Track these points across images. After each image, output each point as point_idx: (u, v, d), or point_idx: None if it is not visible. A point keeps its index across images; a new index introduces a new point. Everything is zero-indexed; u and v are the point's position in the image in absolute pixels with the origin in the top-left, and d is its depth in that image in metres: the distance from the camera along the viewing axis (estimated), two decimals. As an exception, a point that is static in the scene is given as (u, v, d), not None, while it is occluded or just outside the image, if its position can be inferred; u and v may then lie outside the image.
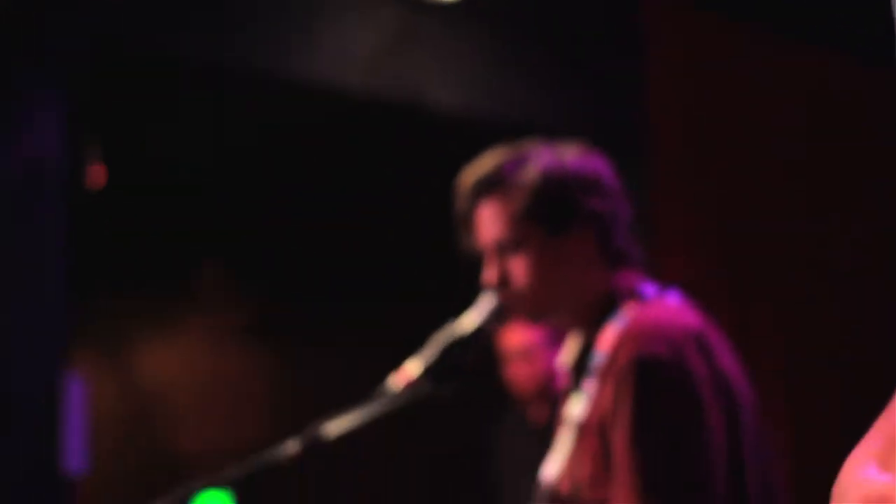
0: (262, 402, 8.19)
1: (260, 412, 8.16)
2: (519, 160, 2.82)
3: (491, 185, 2.81)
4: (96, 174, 5.53)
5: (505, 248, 2.80)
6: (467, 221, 2.88)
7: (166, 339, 8.28)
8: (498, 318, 2.83)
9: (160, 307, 8.12)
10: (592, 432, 2.69)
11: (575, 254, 2.79)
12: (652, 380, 2.60)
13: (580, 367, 2.81)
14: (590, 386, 2.74)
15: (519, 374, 4.94)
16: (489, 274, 2.83)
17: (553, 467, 2.80)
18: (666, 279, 2.92)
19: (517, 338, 4.89)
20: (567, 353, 2.91)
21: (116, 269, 7.37)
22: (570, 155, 2.83)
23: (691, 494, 2.55)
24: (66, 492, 4.92)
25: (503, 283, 2.81)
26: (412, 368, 2.81)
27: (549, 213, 2.77)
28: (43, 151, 4.73)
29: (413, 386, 2.79)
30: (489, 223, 2.81)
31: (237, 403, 8.27)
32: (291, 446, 2.81)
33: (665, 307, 2.75)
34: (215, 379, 8.28)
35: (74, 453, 4.91)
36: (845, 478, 1.19)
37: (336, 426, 2.79)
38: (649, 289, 2.81)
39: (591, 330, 2.79)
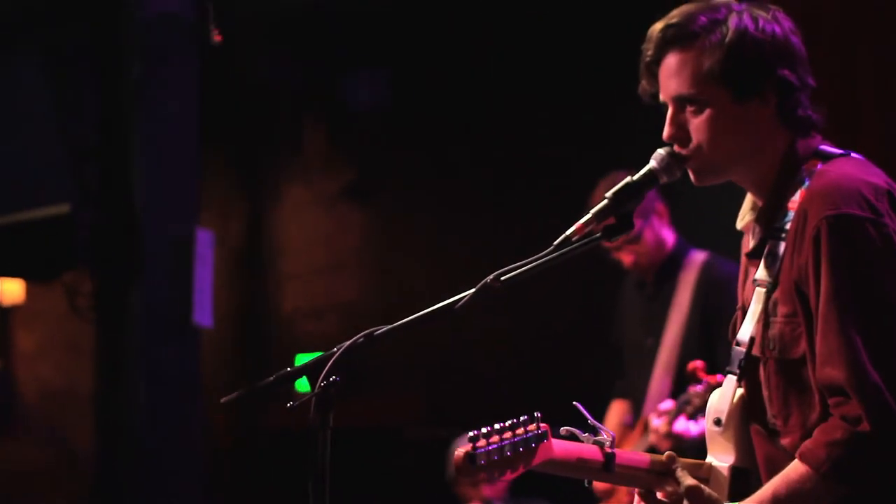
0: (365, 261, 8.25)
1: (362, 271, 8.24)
2: (715, 15, 2.72)
3: (683, 37, 2.72)
4: (217, 32, 5.55)
5: (687, 104, 2.75)
6: (651, 68, 2.80)
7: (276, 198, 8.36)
8: (671, 169, 2.78)
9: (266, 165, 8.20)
10: (786, 294, 2.66)
11: (757, 119, 2.73)
12: (849, 240, 2.55)
13: (764, 230, 2.78)
14: (777, 247, 2.70)
15: None
16: (668, 128, 2.77)
17: (745, 330, 2.77)
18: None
19: None
20: (744, 214, 2.88)
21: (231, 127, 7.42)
22: (764, 17, 2.73)
23: None
24: (195, 343, 5.03)
25: (680, 139, 2.76)
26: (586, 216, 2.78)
27: (739, 78, 2.70)
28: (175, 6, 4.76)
29: (586, 228, 2.75)
30: (675, 75, 2.74)
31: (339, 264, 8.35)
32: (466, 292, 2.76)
33: (852, 165, 2.70)
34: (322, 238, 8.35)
35: (203, 306, 5.00)
36: None
37: (513, 273, 2.77)
38: (832, 150, 2.75)
39: (772, 193, 2.75)
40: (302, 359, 8.24)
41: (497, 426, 2.59)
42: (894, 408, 2.48)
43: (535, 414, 2.64)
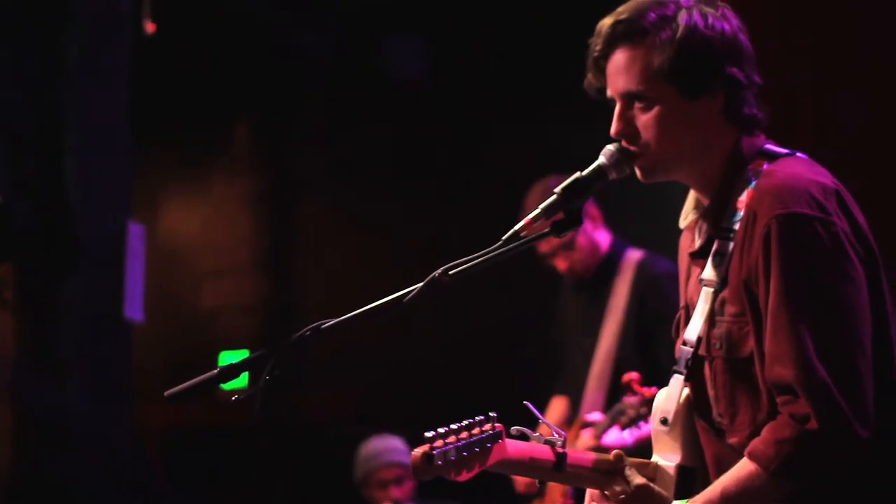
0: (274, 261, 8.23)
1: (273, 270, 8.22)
2: (665, 11, 2.72)
3: (633, 33, 2.72)
4: (150, 23, 5.49)
5: (635, 100, 2.74)
6: (599, 63, 2.79)
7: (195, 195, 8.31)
8: (620, 165, 2.77)
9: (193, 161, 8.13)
10: (734, 294, 2.67)
11: (705, 117, 2.73)
12: (798, 239, 2.56)
13: (711, 229, 2.78)
14: (725, 246, 2.71)
15: None
16: (616, 124, 2.76)
17: (692, 330, 2.77)
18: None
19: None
20: (687, 213, 2.88)
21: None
22: (713, 14, 2.73)
23: (846, 350, 2.53)
24: (126, 338, 4.96)
25: (629, 135, 2.76)
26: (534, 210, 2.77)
27: (689, 76, 2.70)
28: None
29: (534, 224, 2.74)
30: (623, 72, 2.74)
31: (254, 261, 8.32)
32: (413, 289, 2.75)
33: (799, 164, 2.71)
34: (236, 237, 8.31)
35: (134, 301, 4.94)
36: None
37: (460, 267, 2.75)
38: (777, 149, 2.76)
39: (718, 191, 2.75)
40: (226, 356, 8.24)
41: (454, 426, 2.59)
42: (842, 406, 2.49)
43: (491, 414, 2.65)
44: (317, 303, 7.81)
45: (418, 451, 2.56)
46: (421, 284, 2.75)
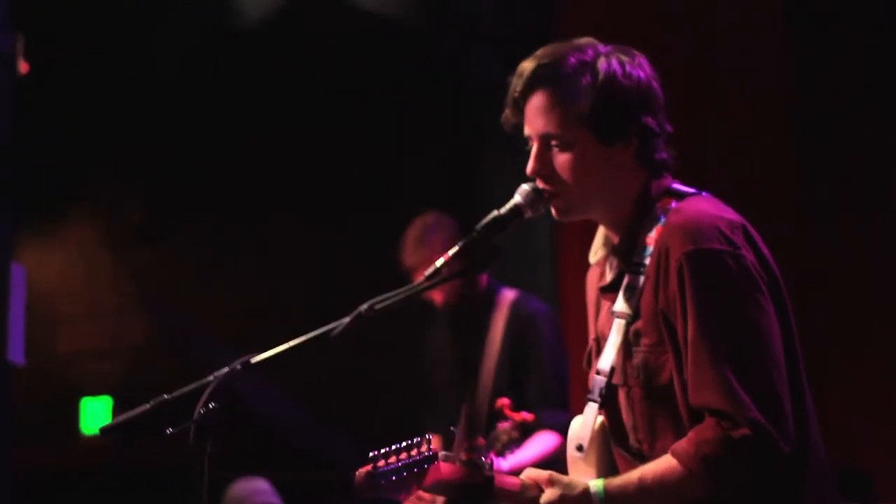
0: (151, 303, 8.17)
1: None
2: (583, 57, 2.83)
3: (553, 78, 2.82)
4: (25, 64, 5.48)
5: (552, 142, 2.85)
6: (518, 103, 2.89)
7: (55, 239, 8.20)
8: (535, 204, 2.87)
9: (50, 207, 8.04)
10: (649, 325, 2.77)
11: (618, 161, 2.84)
12: (710, 272, 2.68)
13: (622, 264, 2.88)
14: (636, 280, 2.82)
15: None
16: (532, 164, 2.87)
17: (605, 360, 2.87)
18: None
19: None
20: (596, 249, 3.01)
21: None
22: (629, 62, 2.84)
23: (764, 372, 2.65)
24: (6, 381, 4.92)
25: (545, 175, 2.87)
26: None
27: (606, 123, 2.81)
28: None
29: (451, 263, 2.83)
30: (542, 115, 2.85)
31: (121, 304, 8.25)
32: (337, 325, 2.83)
33: (705, 202, 2.83)
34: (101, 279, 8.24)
35: (16, 344, 4.91)
36: None
37: (385, 302, 2.85)
38: (683, 188, 2.89)
39: (628, 230, 2.87)
40: (87, 402, 8.17)
41: (394, 447, 2.71)
42: (766, 425, 2.62)
43: (427, 436, 2.77)
44: (175, 348, 7.77)
45: (362, 470, 2.69)
46: (347, 319, 2.84)
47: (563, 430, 4.78)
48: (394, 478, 2.70)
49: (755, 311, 2.71)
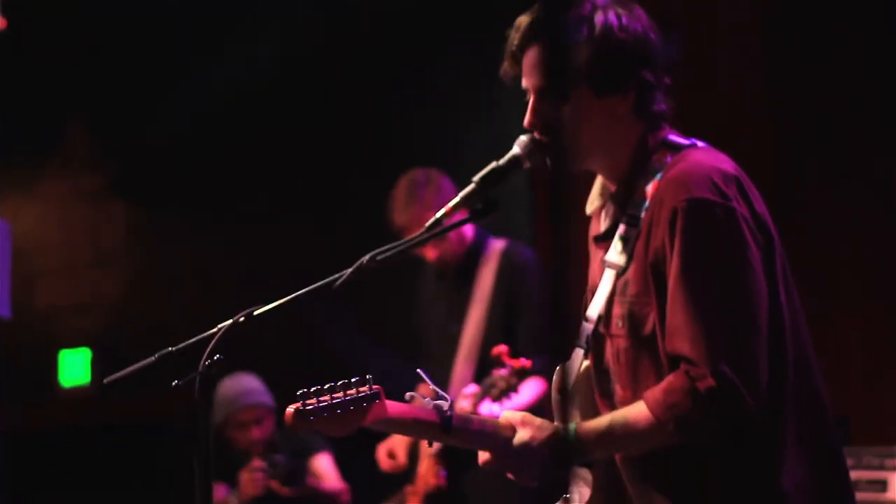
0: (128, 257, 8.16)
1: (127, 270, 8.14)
2: (581, 11, 2.85)
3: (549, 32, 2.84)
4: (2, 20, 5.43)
5: (549, 96, 2.88)
6: (515, 56, 2.93)
7: (33, 195, 8.16)
8: (533, 155, 2.92)
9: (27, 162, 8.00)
10: (638, 276, 2.81)
11: (616, 113, 2.88)
12: (699, 222, 2.72)
13: (617, 214, 2.92)
14: (630, 231, 2.86)
15: None
16: (530, 117, 2.91)
17: (594, 308, 2.92)
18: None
19: None
20: (593, 200, 3.05)
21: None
22: (627, 15, 2.87)
23: (740, 327, 2.69)
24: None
25: (541, 127, 2.90)
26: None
27: (603, 77, 2.84)
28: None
29: (451, 212, 2.88)
30: (539, 68, 2.88)
31: (101, 260, 8.22)
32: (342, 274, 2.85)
33: (702, 153, 2.87)
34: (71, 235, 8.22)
35: (1, 297, 4.90)
36: None
37: (386, 253, 2.88)
38: (680, 140, 2.92)
39: (626, 180, 2.91)
40: (65, 355, 8.15)
41: (327, 386, 2.77)
42: (734, 378, 2.66)
43: (367, 376, 2.81)
44: (158, 302, 7.77)
45: (291, 408, 2.76)
46: (349, 270, 2.87)
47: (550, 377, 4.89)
48: (325, 414, 2.75)
49: (740, 263, 2.74)
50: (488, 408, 4.84)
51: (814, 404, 2.84)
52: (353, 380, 2.79)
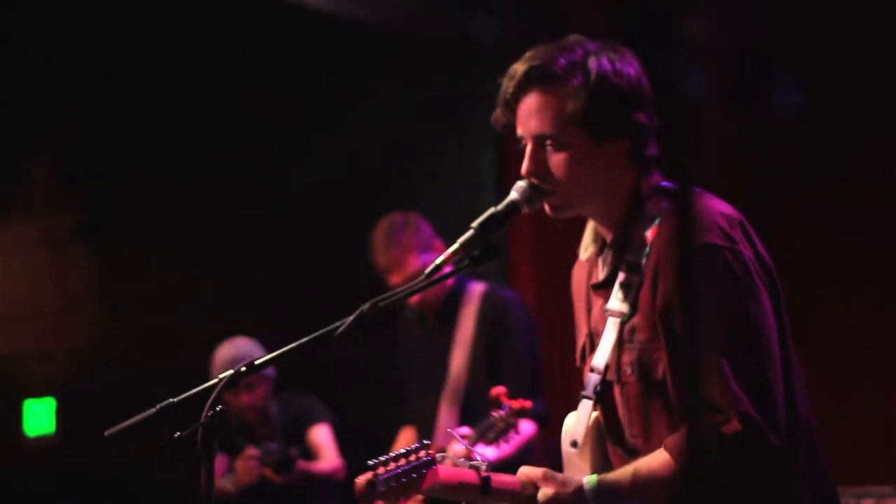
0: (94, 303, 8.09)
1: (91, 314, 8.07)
2: (573, 56, 2.87)
3: (545, 78, 2.87)
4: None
5: (546, 143, 2.90)
6: (510, 104, 2.94)
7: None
8: (532, 200, 2.92)
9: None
10: (645, 322, 2.81)
11: (611, 158, 2.88)
12: (712, 266, 2.72)
13: (616, 262, 2.92)
14: (631, 278, 2.87)
15: None
16: (527, 164, 2.92)
17: (600, 357, 2.92)
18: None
19: None
20: (586, 246, 3.05)
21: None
22: (619, 59, 2.88)
23: (759, 367, 2.71)
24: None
25: (540, 174, 2.91)
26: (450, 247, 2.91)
27: (599, 122, 2.86)
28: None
29: (451, 258, 2.88)
30: (535, 115, 2.89)
31: (68, 306, 8.15)
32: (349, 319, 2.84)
33: (702, 198, 2.84)
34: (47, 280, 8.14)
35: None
36: None
37: (387, 300, 2.87)
38: (672, 186, 2.91)
39: (622, 227, 2.92)
40: (30, 404, 8.05)
41: (393, 454, 2.80)
42: (757, 418, 2.68)
43: (425, 441, 2.84)
44: (119, 348, 7.71)
45: (362, 478, 2.79)
46: (350, 318, 2.86)
47: (538, 419, 4.88)
48: (393, 484, 2.79)
49: (753, 306, 2.76)
50: (482, 451, 4.81)
51: (812, 435, 2.87)
52: (413, 446, 2.84)
